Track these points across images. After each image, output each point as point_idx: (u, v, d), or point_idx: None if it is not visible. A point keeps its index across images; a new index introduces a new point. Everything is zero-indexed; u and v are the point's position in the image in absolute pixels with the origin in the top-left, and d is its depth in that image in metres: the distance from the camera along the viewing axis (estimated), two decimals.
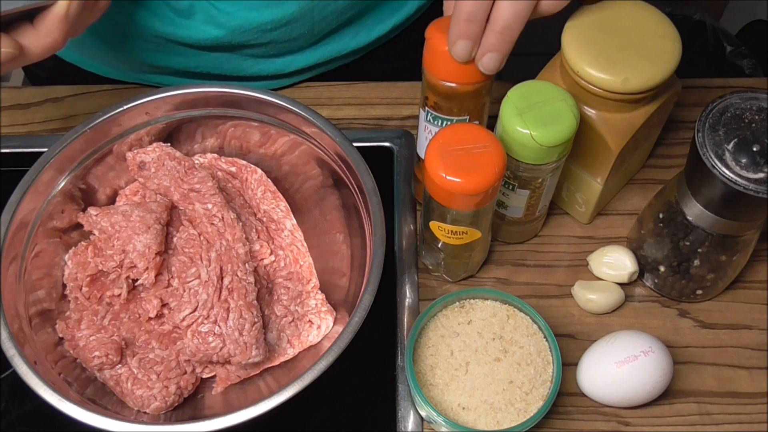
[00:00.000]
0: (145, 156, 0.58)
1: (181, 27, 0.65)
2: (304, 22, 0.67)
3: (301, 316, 0.57)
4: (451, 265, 0.60)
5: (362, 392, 0.58)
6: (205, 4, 0.64)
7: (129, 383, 0.53)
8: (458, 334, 0.55)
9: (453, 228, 0.54)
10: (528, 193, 0.57)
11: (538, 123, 0.51)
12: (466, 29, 0.48)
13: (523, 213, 0.59)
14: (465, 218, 0.53)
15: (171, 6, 0.64)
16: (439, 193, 0.51)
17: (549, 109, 0.52)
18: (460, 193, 0.50)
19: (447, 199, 0.51)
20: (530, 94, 0.53)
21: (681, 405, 0.57)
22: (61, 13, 0.48)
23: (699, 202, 0.52)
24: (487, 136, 0.51)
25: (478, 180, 0.49)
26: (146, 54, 0.69)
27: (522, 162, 0.54)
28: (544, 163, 0.53)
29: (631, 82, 0.52)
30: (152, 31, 0.66)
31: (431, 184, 0.51)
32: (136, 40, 0.67)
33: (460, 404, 0.53)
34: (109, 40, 0.68)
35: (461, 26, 0.48)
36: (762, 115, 0.49)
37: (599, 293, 0.60)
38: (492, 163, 0.49)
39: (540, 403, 0.52)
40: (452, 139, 0.50)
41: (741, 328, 0.60)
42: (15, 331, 0.50)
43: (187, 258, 0.55)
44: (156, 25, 0.66)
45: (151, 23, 0.65)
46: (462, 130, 0.51)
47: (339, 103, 0.72)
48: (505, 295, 0.55)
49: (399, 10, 0.73)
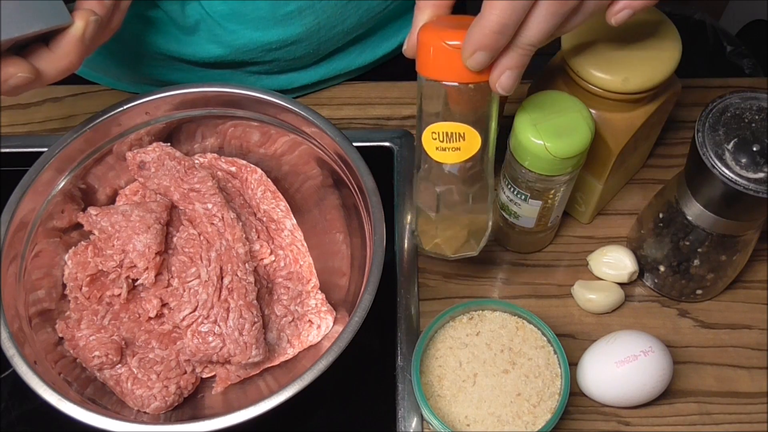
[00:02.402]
0: (145, 156, 0.58)
1: (185, 44, 0.65)
2: (310, 42, 0.67)
3: (301, 316, 0.57)
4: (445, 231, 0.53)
5: (362, 392, 0.58)
6: (210, 21, 0.64)
7: (129, 383, 0.53)
8: (467, 345, 0.54)
9: (452, 128, 0.47)
10: (540, 204, 0.56)
11: (552, 134, 0.50)
12: (492, 41, 0.42)
13: (535, 224, 0.59)
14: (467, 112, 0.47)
15: (177, 23, 0.64)
16: (438, 65, 0.45)
17: (564, 120, 0.51)
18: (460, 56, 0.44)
19: (447, 67, 0.44)
20: (545, 104, 0.52)
21: (681, 405, 0.57)
22: (77, 36, 0.48)
23: (699, 202, 0.52)
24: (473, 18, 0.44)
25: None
26: (150, 69, 0.69)
27: (535, 173, 0.53)
28: (558, 175, 0.53)
29: (631, 82, 0.52)
30: (157, 48, 0.66)
31: (428, 59, 0.45)
32: (141, 56, 0.67)
33: (468, 416, 0.52)
34: (113, 55, 0.68)
35: (487, 36, 0.41)
36: (762, 115, 0.49)
37: (599, 293, 0.60)
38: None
39: (548, 416, 0.52)
40: (442, 23, 0.46)
41: (741, 328, 0.60)
42: (15, 331, 0.50)
43: (187, 258, 0.55)
44: (161, 43, 0.65)
45: (156, 40, 0.65)
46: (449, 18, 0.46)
47: (339, 103, 0.72)
48: (514, 306, 0.55)
49: (405, 28, 0.73)
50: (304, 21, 0.64)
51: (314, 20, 0.64)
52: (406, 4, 0.71)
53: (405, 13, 0.72)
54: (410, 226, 0.61)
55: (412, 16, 0.73)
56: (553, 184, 0.54)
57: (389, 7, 0.68)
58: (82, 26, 0.48)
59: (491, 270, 0.63)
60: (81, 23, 0.48)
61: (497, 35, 0.41)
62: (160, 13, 0.64)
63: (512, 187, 0.56)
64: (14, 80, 0.47)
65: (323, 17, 0.65)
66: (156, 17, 0.64)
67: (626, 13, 0.45)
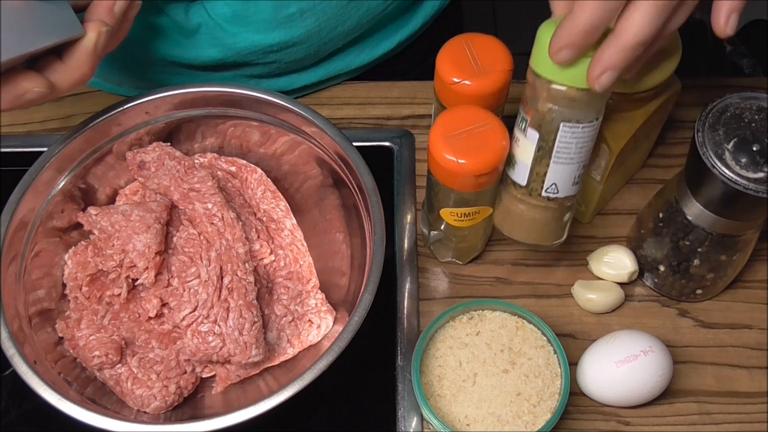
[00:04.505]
0: (145, 155, 0.58)
1: (186, 48, 0.65)
2: (311, 43, 0.66)
3: (300, 316, 0.57)
4: (462, 249, 0.61)
5: (362, 392, 0.58)
6: (212, 25, 0.63)
7: (129, 383, 0.53)
8: (466, 345, 0.54)
9: (465, 210, 0.54)
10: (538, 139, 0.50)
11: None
12: (582, 40, 0.42)
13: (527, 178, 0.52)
14: (476, 198, 0.53)
15: (179, 27, 0.64)
16: (448, 178, 0.51)
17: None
18: (469, 174, 0.50)
19: (457, 182, 0.51)
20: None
21: (681, 404, 0.57)
22: (90, 47, 0.48)
23: (699, 202, 0.52)
24: (486, 114, 0.51)
25: (486, 158, 0.49)
26: (150, 74, 0.69)
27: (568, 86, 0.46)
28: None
29: (630, 82, 0.52)
30: (157, 53, 0.66)
31: (440, 170, 0.51)
32: (141, 61, 0.67)
33: (467, 416, 0.53)
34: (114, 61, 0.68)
35: (577, 36, 0.42)
36: (762, 115, 0.49)
37: (599, 293, 0.60)
38: (496, 139, 0.50)
39: (548, 415, 0.52)
40: (453, 122, 0.51)
41: (741, 328, 0.60)
42: (15, 331, 0.50)
43: (187, 257, 0.55)
44: (162, 47, 0.65)
45: (157, 45, 0.65)
46: (460, 112, 0.51)
47: (339, 102, 0.72)
48: (514, 306, 0.55)
49: (404, 27, 0.73)
50: (305, 23, 0.64)
51: (315, 22, 0.64)
52: (405, 4, 0.71)
53: (404, 13, 0.72)
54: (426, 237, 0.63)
55: (410, 17, 0.73)
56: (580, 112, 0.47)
57: (389, 7, 0.68)
58: (95, 37, 0.48)
59: (491, 270, 0.63)
60: (93, 34, 0.48)
61: (586, 34, 0.41)
62: (165, 18, 0.64)
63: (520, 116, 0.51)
64: (29, 95, 0.47)
65: (324, 19, 0.65)
66: (159, 22, 0.64)
67: (609, 76, 0.43)
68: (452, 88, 0.53)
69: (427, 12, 0.73)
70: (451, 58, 0.53)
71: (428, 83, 0.61)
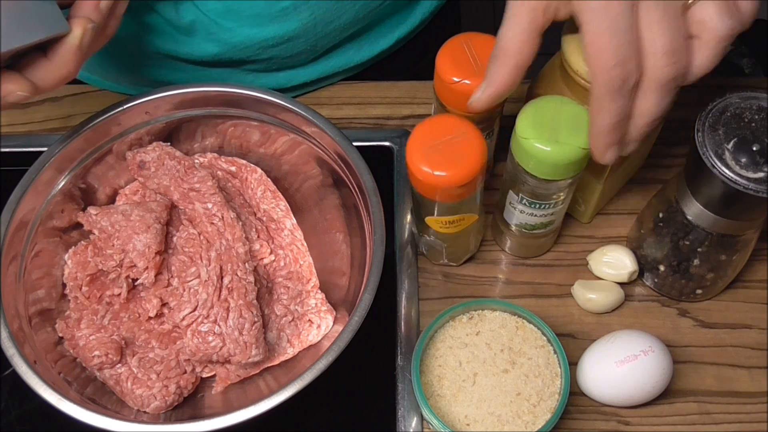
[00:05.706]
0: (145, 155, 0.58)
1: (183, 44, 0.65)
2: (307, 38, 0.67)
3: (300, 316, 0.57)
4: (453, 252, 0.61)
5: (362, 392, 0.58)
6: (206, 20, 0.64)
7: (129, 382, 0.53)
8: (466, 345, 0.54)
9: (449, 218, 0.55)
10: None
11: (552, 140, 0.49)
12: (614, 136, 0.45)
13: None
14: (459, 206, 0.54)
15: (173, 23, 0.64)
16: (428, 190, 0.52)
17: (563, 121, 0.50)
18: (448, 186, 0.50)
19: (437, 193, 0.52)
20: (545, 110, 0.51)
21: (681, 404, 0.57)
22: (74, 44, 0.47)
23: (699, 202, 0.52)
24: (462, 123, 0.51)
25: (464, 170, 0.50)
26: (148, 70, 0.69)
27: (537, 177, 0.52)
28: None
29: None
30: (154, 48, 0.66)
31: (419, 183, 0.51)
32: (139, 57, 0.67)
33: (467, 416, 0.52)
34: (111, 58, 0.68)
35: (609, 136, 0.45)
36: (762, 115, 0.49)
37: (599, 293, 0.60)
38: (474, 150, 0.50)
39: (548, 415, 0.52)
40: (429, 134, 0.51)
41: (741, 328, 0.60)
42: (15, 331, 0.50)
43: (187, 257, 0.55)
44: (158, 43, 0.65)
45: (153, 41, 0.65)
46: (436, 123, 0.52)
47: (339, 102, 0.72)
48: (514, 306, 0.55)
49: (402, 24, 0.73)
50: (299, 17, 0.64)
51: (310, 15, 0.64)
52: (401, 2, 0.71)
53: (401, 10, 0.72)
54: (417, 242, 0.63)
55: (408, 13, 0.73)
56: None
57: (385, 3, 0.68)
58: (80, 34, 0.47)
59: (491, 270, 0.63)
60: (78, 31, 0.47)
61: (616, 129, 0.45)
62: (156, 16, 0.64)
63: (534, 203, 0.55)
64: (11, 98, 0.46)
65: (319, 12, 0.65)
66: (152, 19, 0.64)
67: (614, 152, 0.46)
68: (452, 88, 0.53)
69: (425, 9, 0.74)
70: (451, 58, 0.53)
71: (428, 83, 0.61)
